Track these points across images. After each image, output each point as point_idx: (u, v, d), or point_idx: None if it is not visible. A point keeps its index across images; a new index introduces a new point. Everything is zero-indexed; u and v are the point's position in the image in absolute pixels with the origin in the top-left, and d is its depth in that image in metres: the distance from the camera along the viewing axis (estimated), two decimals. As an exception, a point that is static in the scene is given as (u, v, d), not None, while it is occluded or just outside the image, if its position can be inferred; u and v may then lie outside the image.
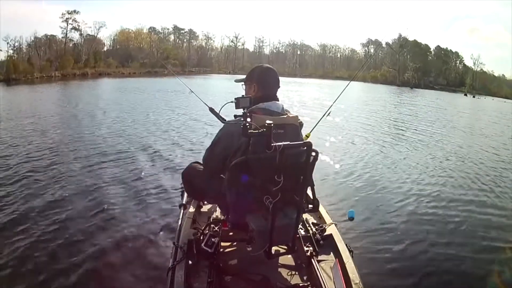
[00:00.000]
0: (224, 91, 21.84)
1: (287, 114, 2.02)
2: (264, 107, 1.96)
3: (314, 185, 2.13)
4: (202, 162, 2.24)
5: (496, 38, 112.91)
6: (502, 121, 19.36)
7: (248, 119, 1.80)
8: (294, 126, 2.02)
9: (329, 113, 3.22)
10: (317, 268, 1.97)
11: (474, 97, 53.08)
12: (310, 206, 2.12)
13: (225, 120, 2.54)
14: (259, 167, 1.83)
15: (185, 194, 2.86)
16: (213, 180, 2.14)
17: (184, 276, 1.83)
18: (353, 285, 1.84)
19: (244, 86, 2.19)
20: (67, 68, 38.30)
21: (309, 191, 2.17)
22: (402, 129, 11.43)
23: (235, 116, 1.97)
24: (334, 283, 1.88)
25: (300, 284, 1.91)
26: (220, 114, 2.71)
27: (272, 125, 1.68)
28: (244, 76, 2.19)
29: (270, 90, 2.07)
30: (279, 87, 2.13)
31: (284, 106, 2.07)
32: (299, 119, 2.06)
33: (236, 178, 1.86)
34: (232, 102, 2.00)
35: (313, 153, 1.87)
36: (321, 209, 2.53)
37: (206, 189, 2.25)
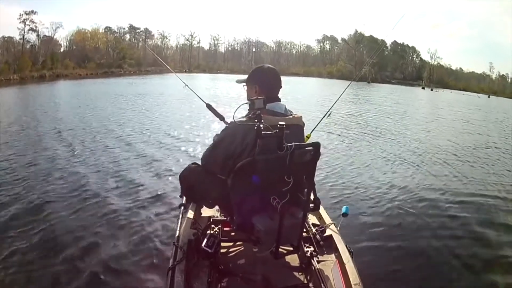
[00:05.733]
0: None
1: (291, 114, 2.01)
2: (268, 108, 1.91)
3: (314, 184, 2.07)
4: (201, 161, 2.16)
5: (458, 33, 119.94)
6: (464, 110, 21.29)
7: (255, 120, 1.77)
8: (299, 127, 2.01)
9: (329, 114, 3.22)
10: (317, 269, 1.95)
11: (432, 90, 55.56)
12: (311, 205, 2.09)
13: (223, 117, 2.57)
14: (267, 168, 1.79)
15: None
16: (213, 182, 2.07)
17: (184, 276, 1.84)
18: (353, 286, 1.84)
19: (245, 87, 2.14)
20: (25, 70, 36.69)
21: None
22: (388, 126, 11.73)
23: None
24: (334, 284, 1.88)
25: (300, 285, 1.92)
26: (222, 114, 2.68)
27: (285, 126, 1.68)
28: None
29: (272, 92, 2.02)
30: (281, 87, 2.10)
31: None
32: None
33: (243, 180, 1.81)
34: (246, 103, 1.89)
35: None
36: (321, 210, 2.53)
37: (205, 192, 2.18)
